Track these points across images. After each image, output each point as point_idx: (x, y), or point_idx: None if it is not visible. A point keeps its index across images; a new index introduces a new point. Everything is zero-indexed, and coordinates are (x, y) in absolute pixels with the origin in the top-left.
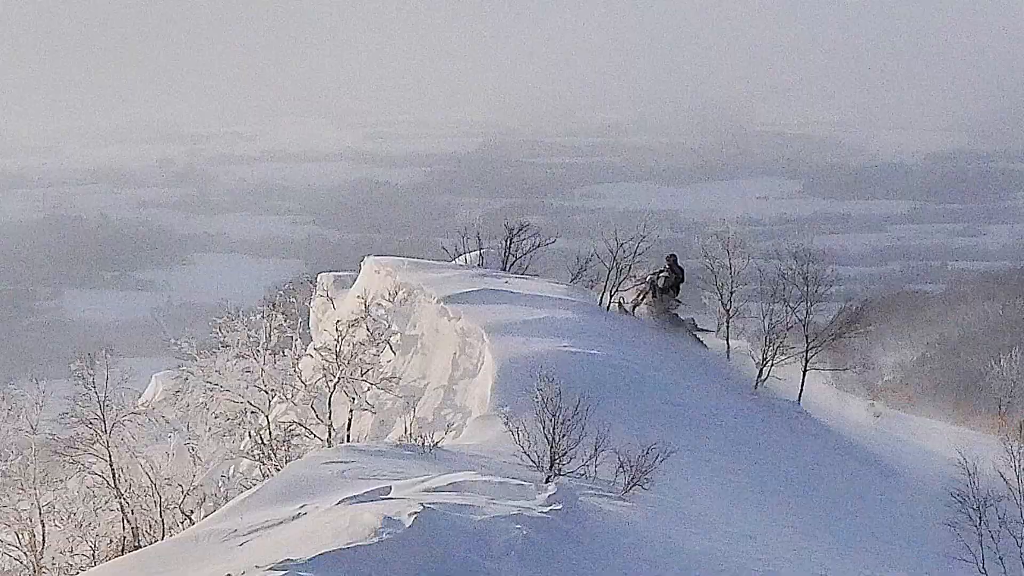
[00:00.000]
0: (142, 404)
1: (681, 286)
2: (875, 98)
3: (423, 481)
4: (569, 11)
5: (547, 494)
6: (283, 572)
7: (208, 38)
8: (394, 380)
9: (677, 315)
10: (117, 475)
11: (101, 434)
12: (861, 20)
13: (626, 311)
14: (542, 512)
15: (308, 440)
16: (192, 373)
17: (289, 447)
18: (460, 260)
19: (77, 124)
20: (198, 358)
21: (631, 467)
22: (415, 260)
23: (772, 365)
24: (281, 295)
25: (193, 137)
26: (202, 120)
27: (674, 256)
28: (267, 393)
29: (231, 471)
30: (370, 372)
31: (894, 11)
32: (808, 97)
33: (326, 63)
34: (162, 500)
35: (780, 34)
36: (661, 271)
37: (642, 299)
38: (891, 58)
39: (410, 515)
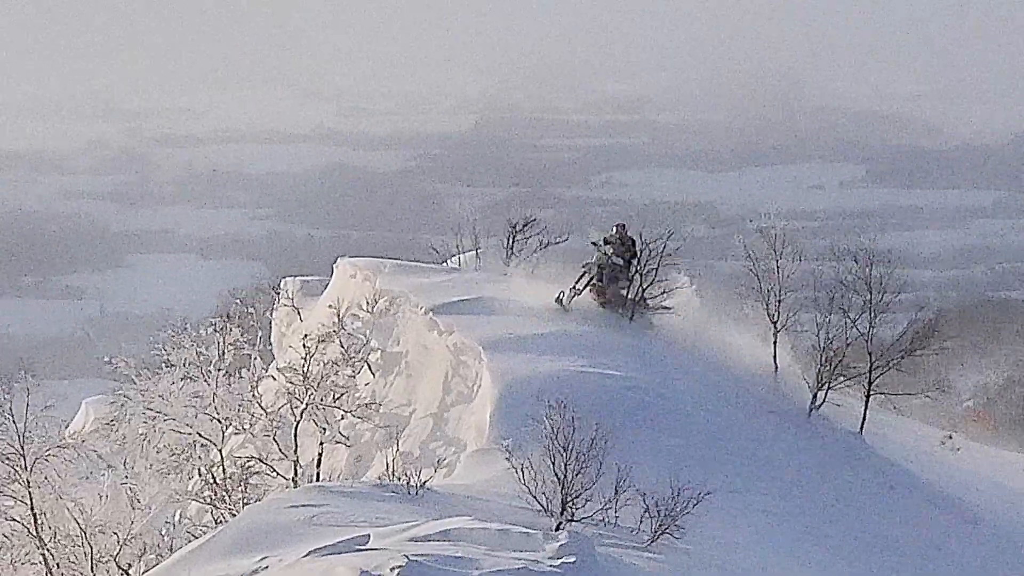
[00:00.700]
0: (70, 435)
1: (633, 263)
2: (955, 68)
3: (408, 528)
4: None
5: (558, 544)
6: None
7: None
8: (373, 407)
9: (623, 294)
10: (39, 521)
11: (20, 472)
12: None
13: (561, 303)
14: (552, 566)
15: (270, 479)
16: (130, 398)
17: (247, 487)
18: (453, 262)
19: None
20: (137, 380)
21: (659, 512)
22: (398, 262)
23: (829, 388)
24: (237, 304)
25: (131, 114)
26: (142, 93)
27: (623, 225)
28: (220, 422)
29: (177, 516)
30: (344, 397)
31: None
32: (874, 67)
33: (290, 24)
34: (94, 551)
35: None
36: (606, 243)
37: (585, 286)
38: (974, 19)
39: (393, 569)
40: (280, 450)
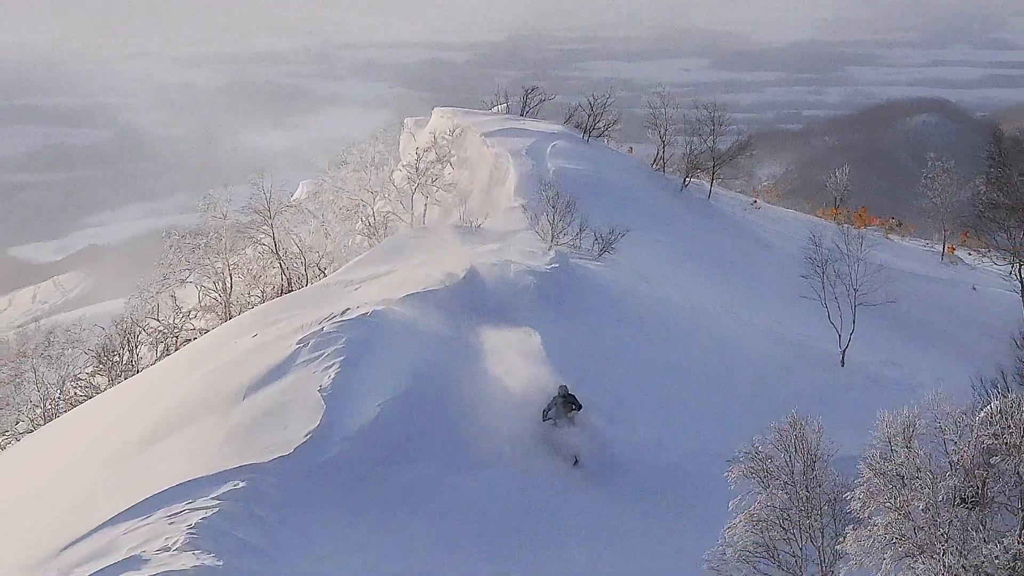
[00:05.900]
0: (293, 200)
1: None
2: (771, 3)
3: (471, 249)
4: None
5: (550, 257)
6: (383, 306)
7: None
8: (452, 186)
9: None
10: (278, 245)
11: (267, 219)
12: None
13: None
14: (547, 268)
15: (398, 223)
16: (325, 180)
17: (386, 228)
18: (495, 110)
19: (236, 21)
20: (328, 169)
21: (602, 240)
22: (466, 110)
23: (691, 176)
24: (381, 132)
25: (322, 32)
26: (324, 20)
27: (565, 386)
28: (372, 193)
29: (350, 243)
30: (437, 180)
31: None
32: (732, 4)
33: None
34: (306, 261)
35: None
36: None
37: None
38: None
39: (463, 271)
40: (404, 208)
